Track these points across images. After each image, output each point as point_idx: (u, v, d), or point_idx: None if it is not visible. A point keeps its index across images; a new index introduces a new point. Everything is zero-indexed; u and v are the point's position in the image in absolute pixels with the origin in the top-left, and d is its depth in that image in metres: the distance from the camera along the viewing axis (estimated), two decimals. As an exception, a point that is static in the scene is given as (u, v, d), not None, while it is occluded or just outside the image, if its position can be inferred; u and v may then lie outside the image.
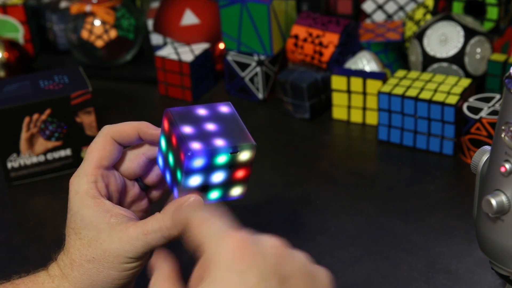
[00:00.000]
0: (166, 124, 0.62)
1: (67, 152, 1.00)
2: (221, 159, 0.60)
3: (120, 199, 0.66)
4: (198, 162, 0.60)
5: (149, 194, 0.70)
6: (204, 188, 0.62)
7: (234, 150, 0.60)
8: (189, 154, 0.59)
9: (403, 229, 0.86)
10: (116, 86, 1.26)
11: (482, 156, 0.62)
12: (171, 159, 0.62)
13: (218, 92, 1.21)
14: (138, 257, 0.61)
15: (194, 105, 0.64)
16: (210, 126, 0.62)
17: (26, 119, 0.96)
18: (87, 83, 0.99)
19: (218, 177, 0.61)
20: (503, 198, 0.58)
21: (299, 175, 0.99)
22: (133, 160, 0.66)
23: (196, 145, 0.59)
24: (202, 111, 0.63)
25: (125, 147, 0.67)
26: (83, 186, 0.62)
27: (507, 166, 0.57)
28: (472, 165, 0.63)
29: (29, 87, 0.98)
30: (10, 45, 1.23)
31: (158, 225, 0.60)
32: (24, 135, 0.96)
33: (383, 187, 0.95)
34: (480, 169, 0.62)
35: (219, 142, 0.60)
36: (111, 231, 0.61)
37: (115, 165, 0.66)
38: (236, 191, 0.63)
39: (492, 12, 1.10)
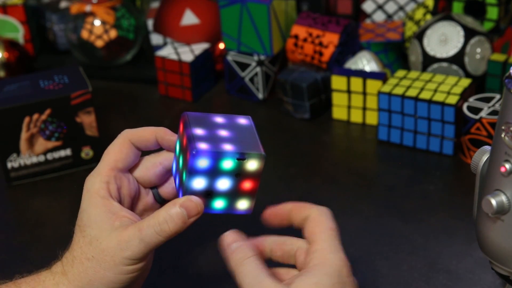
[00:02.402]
0: (181, 127, 0.62)
1: (67, 152, 1.00)
2: (227, 164, 0.60)
3: (132, 204, 0.66)
4: (203, 163, 0.59)
5: None
6: (209, 194, 0.61)
7: (241, 157, 0.60)
8: (194, 152, 0.58)
9: (403, 229, 0.86)
10: (116, 86, 1.26)
11: (482, 156, 0.62)
12: (181, 161, 0.62)
13: (218, 92, 1.21)
14: (135, 258, 0.61)
15: (214, 113, 0.63)
16: (223, 133, 0.61)
17: (26, 119, 0.96)
18: (87, 83, 0.99)
19: (223, 184, 0.61)
20: (503, 198, 0.58)
21: (299, 175, 0.99)
22: (150, 168, 0.67)
23: (203, 145, 0.59)
24: (219, 119, 0.63)
25: (143, 153, 0.67)
26: (95, 185, 0.63)
27: (507, 166, 0.57)
28: (472, 165, 0.63)
29: (29, 87, 0.98)
30: (10, 45, 1.23)
31: (153, 220, 0.60)
32: (24, 135, 0.96)
33: (383, 187, 0.95)
34: (480, 169, 0.62)
35: (227, 147, 0.60)
36: (112, 231, 0.61)
37: (131, 171, 0.66)
38: (242, 204, 0.62)
39: (492, 12, 1.10)
